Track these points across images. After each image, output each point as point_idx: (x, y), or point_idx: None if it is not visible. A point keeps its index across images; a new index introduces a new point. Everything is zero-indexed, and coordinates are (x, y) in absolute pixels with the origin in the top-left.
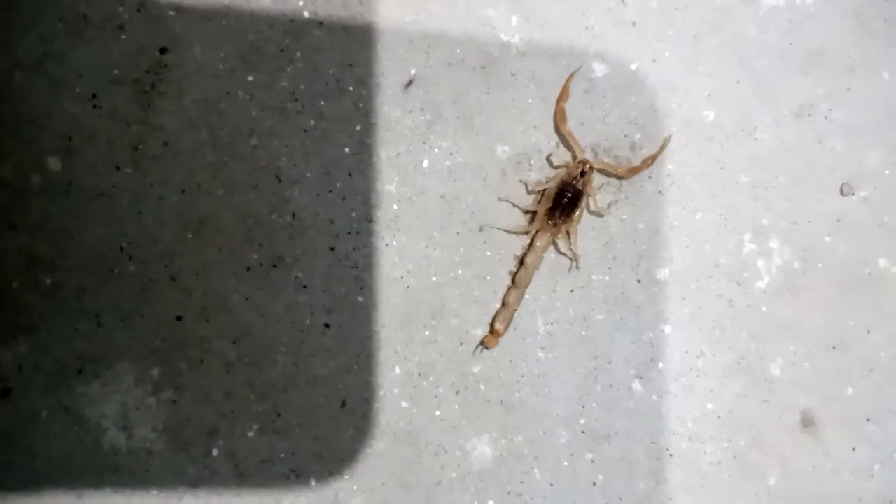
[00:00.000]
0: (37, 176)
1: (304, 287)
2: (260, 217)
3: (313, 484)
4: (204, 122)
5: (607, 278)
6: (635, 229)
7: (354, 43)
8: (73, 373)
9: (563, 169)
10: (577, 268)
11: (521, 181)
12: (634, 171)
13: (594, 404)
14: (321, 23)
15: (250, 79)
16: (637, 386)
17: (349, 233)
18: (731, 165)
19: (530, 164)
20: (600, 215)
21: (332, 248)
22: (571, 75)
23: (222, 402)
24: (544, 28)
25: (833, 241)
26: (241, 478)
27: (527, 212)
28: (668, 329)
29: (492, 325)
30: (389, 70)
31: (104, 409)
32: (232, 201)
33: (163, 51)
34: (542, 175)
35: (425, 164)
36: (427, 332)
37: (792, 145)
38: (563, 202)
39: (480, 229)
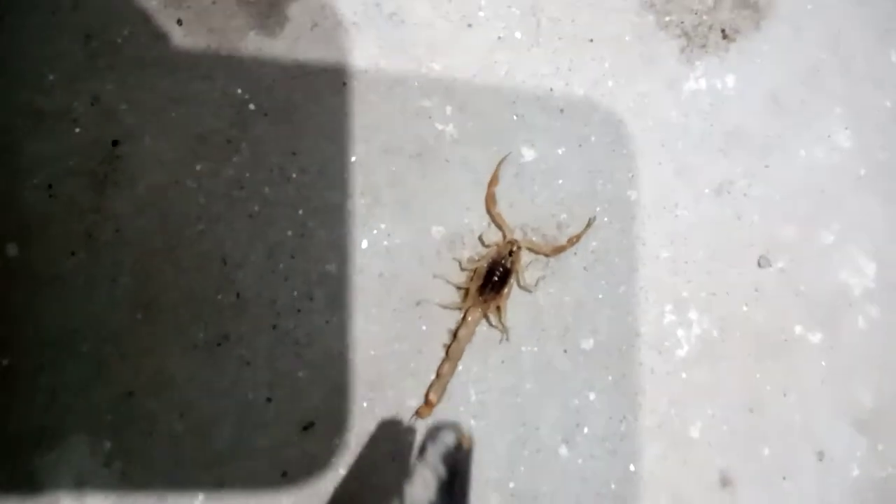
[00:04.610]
0: None
1: (248, 363)
2: (206, 298)
3: None
4: (154, 209)
5: (535, 349)
6: (562, 303)
7: (298, 133)
8: (30, 445)
9: (494, 248)
10: (508, 340)
11: (454, 259)
12: (560, 249)
13: (523, 468)
14: (266, 114)
15: (198, 168)
16: (563, 450)
17: (291, 311)
18: (653, 242)
19: (463, 243)
20: (529, 291)
21: (275, 326)
22: (501, 162)
23: (170, 472)
24: (477, 117)
25: (750, 311)
26: None
27: (460, 288)
28: (592, 396)
29: (426, 395)
30: (330, 158)
31: (59, 479)
32: (180, 283)
33: (115, 143)
34: (475, 252)
35: (364, 245)
36: (365, 404)
37: (711, 221)
38: (493, 280)
39: (417, 304)
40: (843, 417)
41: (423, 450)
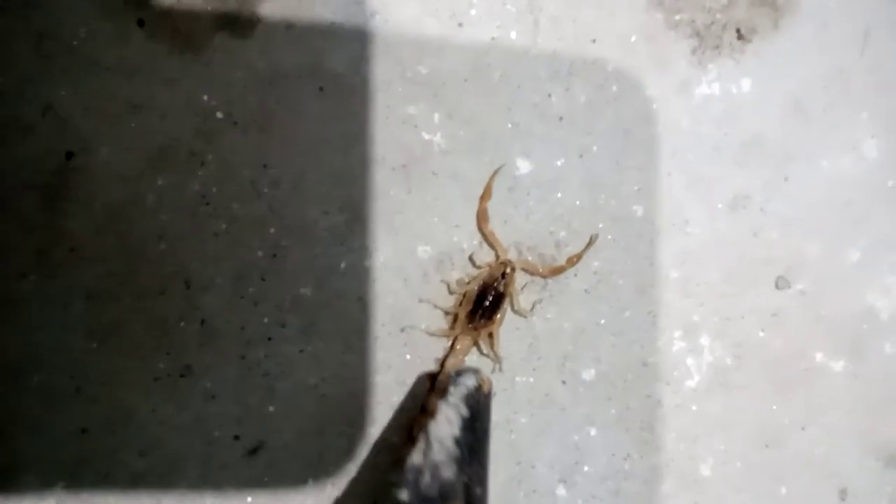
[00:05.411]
0: None
1: (213, 397)
2: (168, 325)
3: None
4: (111, 227)
5: (531, 380)
6: (560, 329)
7: (270, 143)
8: None
9: (486, 269)
10: (501, 370)
11: (442, 281)
12: (558, 270)
13: None
14: (235, 123)
15: (160, 182)
16: (561, 491)
17: (261, 340)
18: (661, 261)
19: (452, 264)
20: (524, 316)
21: (243, 357)
22: (493, 175)
23: None
24: (468, 125)
25: (767, 337)
26: None
27: (448, 313)
28: (594, 431)
29: (411, 432)
30: (306, 170)
31: None
32: (139, 308)
33: (69, 155)
34: (465, 274)
35: (343, 266)
36: (343, 441)
37: (725, 239)
38: (484, 304)
39: (402, 330)
40: (869, 452)
41: (445, 391)
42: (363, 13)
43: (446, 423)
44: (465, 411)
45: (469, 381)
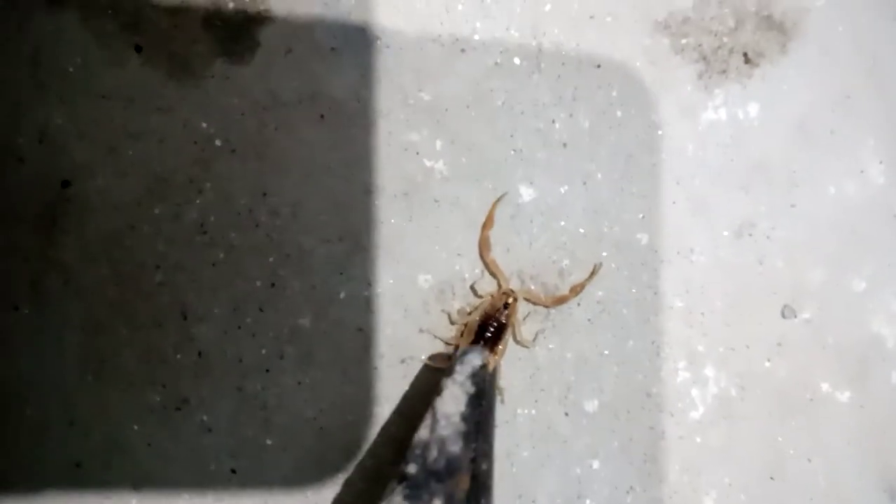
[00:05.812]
0: None
1: (209, 430)
2: (164, 356)
3: None
4: (106, 257)
5: (533, 412)
6: (563, 359)
7: (269, 170)
8: None
9: (488, 299)
10: (503, 401)
11: (443, 311)
12: (561, 300)
13: None
14: (233, 150)
15: (156, 211)
16: None
17: (258, 371)
18: (665, 290)
19: (453, 293)
20: (526, 346)
21: (240, 388)
22: (496, 203)
23: None
24: (470, 151)
25: (772, 367)
26: None
27: (449, 344)
28: (596, 464)
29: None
30: (305, 198)
31: None
32: (134, 340)
33: (65, 184)
34: (466, 303)
35: (342, 295)
36: (341, 475)
37: (730, 267)
38: (486, 335)
39: (402, 361)
40: (875, 484)
41: (451, 369)
42: (364, 38)
43: (452, 400)
44: (470, 388)
45: (475, 360)
